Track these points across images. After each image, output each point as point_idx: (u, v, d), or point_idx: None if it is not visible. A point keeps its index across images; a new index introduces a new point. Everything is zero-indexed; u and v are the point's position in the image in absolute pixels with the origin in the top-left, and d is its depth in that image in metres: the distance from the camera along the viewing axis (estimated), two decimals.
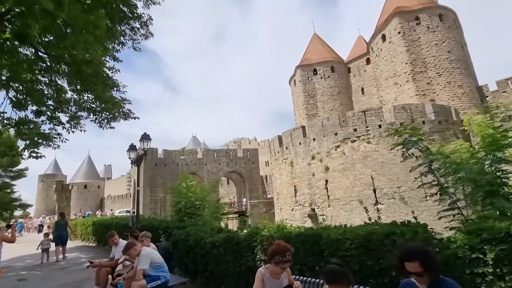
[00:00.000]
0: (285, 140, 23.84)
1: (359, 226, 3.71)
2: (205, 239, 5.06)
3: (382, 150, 18.71)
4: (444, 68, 32.23)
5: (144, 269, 3.92)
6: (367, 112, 19.56)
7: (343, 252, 3.18)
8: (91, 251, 10.70)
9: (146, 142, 7.74)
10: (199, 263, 5.18)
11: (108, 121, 10.67)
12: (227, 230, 5.39)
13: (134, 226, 7.87)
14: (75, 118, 11.10)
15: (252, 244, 4.18)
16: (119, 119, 10.36)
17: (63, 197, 19.25)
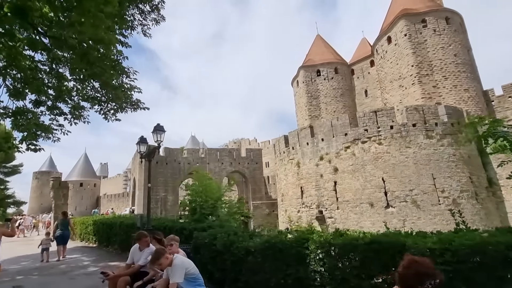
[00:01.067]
0: (292, 140, 23.20)
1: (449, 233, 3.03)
2: (237, 244, 4.35)
3: (393, 152, 18.16)
4: (450, 72, 31.93)
5: (179, 283, 3.21)
6: (378, 113, 19.01)
7: (441, 266, 2.51)
8: (93, 252, 9.90)
9: (159, 134, 7.01)
10: (228, 271, 4.47)
11: (114, 112, 9.92)
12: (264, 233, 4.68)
13: (145, 227, 7.13)
14: (78, 109, 10.35)
15: (303, 251, 3.49)
16: (127, 110, 9.61)
17: (60, 194, 18.32)
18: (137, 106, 9.14)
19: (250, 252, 4.14)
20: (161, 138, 7.05)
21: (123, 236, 9.38)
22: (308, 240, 3.52)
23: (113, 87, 8.63)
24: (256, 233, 4.72)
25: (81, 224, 13.44)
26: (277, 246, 3.78)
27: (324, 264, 3.21)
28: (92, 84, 9.83)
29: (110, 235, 10.47)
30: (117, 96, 8.69)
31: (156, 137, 7.01)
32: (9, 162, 30.29)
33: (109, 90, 8.80)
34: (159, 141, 7.00)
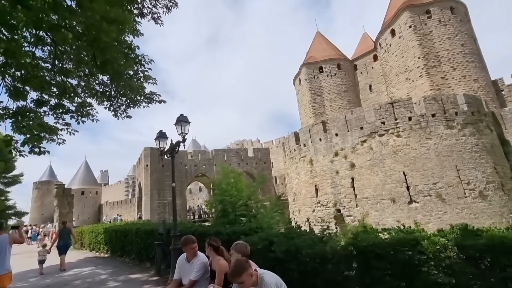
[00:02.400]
0: (303, 137, 22.34)
1: None
2: (306, 250, 3.47)
3: (413, 144, 17.33)
4: (458, 62, 31.30)
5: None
6: (395, 104, 18.20)
7: None
8: (107, 264, 8.96)
9: (184, 125, 6.13)
10: (296, 284, 3.58)
11: (126, 107, 9.02)
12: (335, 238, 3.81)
13: (172, 233, 6.22)
14: (85, 106, 9.45)
15: (416, 257, 2.62)
16: (140, 104, 8.71)
17: (65, 203, 17.35)
18: (151, 99, 8.24)
19: (328, 260, 3.25)
20: (186, 130, 6.17)
21: (141, 245, 8.46)
22: (420, 240, 2.66)
23: (125, 78, 7.73)
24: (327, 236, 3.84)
25: (90, 233, 12.46)
26: (371, 251, 2.90)
27: (453, 273, 2.36)
28: (100, 78, 8.96)
29: (124, 243, 9.53)
30: (131, 87, 7.79)
31: (180, 129, 6.13)
32: (9, 172, 29.29)
33: (121, 82, 7.90)
34: (184, 133, 6.11)
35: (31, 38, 8.54)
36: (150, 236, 8.11)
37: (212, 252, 3.42)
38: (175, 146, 6.49)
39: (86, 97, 9.43)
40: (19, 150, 9.36)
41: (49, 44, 8.58)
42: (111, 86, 8.66)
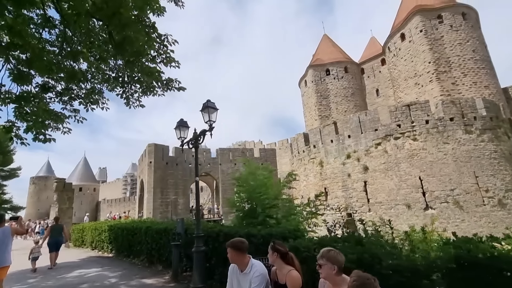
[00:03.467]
0: (313, 138, 21.68)
1: None
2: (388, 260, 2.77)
3: (430, 148, 16.70)
4: (469, 68, 30.87)
5: None
6: (412, 106, 17.59)
7: None
8: (114, 265, 8.19)
9: (211, 112, 5.42)
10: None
11: (140, 95, 8.31)
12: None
13: (195, 233, 5.50)
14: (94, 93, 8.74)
15: None
16: (156, 92, 7.99)
17: (65, 198, 16.56)
18: (170, 86, 7.52)
19: (420, 274, 2.56)
20: (213, 118, 5.47)
21: (151, 245, 7.71)
22: None
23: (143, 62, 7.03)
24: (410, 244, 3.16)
25: (92, 230, 11.68)
26: (491, 265, 2.21)
27: None
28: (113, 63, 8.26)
29: (132, 243, 8.78)
30: (149, 72, 7.08)
31: (207, 116, 5.43)
32: (7, 165, 28.46)
33: (138, 65, 7.19)
34: (211, 121, 5.41)
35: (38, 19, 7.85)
36: (162, 236, 7.38)
37: (278, 259, 2.71)
38: (199, 135, 5.78)
39: (96, 83, 8.75)
40: (21, 138, 8.63)
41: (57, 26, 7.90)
42: (125, 71, 7.96)
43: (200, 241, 5.37)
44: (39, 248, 8.54)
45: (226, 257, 5.54)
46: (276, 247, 2.76)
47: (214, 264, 5.62)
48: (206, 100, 5.61)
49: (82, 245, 13.02)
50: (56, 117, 8.55)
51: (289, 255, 2.73)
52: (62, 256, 10.41)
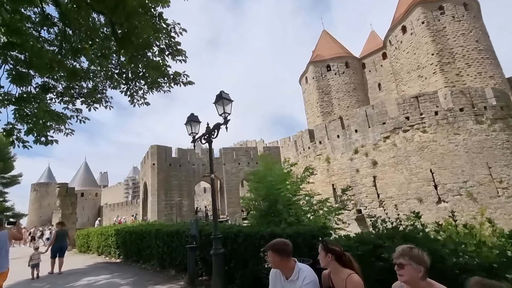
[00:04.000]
0: (319, 134, 21.26)
1: None
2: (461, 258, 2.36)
3: (441, 140, 16.29)
4: (473, 59, 30.43)
5: None
6: (420, 98, 17.18)
7: None
8: (124, 271, 7.79)
9: (226, 104, 5.00)
10: None
11: (145, 90, 7.90)
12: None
13: (212, 235, 5.09)
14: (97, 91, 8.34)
15: None
16: (162, 88, 7.56)
17: (68, 203, 16.16)
18: (177, 80, 7.10)
19: (495, 272, 2.15)
20: (228, 110, 5.04)
21: (163, 249, 7.29)
22: None
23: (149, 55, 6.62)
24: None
25: (98, 235, 11.27)
26: None
27: None
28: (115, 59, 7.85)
29: (141, 247, 8.37)
30: (157, 66, 6.65)
31: (221, 108, 5.01)
32: (8, 172, 28.10)
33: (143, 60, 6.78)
34: (226, 113, 4.98)
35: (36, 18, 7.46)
36: (174, 238, 6.97)
37: (333, 262, 2.29)
38: (213, 129, 5.36)
39: (99, 81, 8.35)
40: (22, 141, 8.23)
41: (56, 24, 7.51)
42: (129, 66, 7.54)
43: (218, 242, 4.96)
44: (39, 255, 8.33)
45: (247, 260, 5.12)
46: (331, 247, 2.34)
47: (234, 267, 5.22)
48: (219, 91, 5.19)
49: (87, 251, 12.62)
50: (58, 118, 8.15)
51: (346, 256, 2.31)
52: (67, 263, 10.02)
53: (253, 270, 4.82)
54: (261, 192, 6.24)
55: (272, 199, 6.02)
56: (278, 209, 5.87)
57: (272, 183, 6.18)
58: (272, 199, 6.01)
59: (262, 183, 6.42)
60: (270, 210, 6.02)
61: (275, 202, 6.00)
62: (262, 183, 6.42)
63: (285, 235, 4.30)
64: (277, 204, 5.98)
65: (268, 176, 6.45)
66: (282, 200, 6.05)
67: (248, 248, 4.89)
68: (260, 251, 4.59)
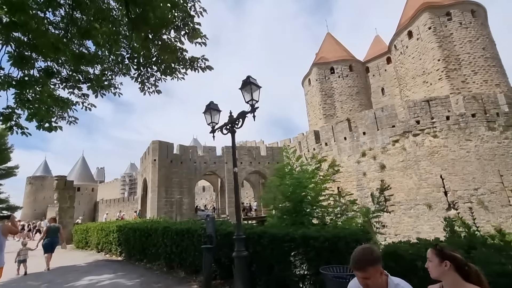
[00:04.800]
0: (325, 136, 20.86)
1: None
2: None
3: (452, 146, 15.94)
4: (479, 66, 30.29)
5: None
6: (431, 102, 16.85)
7: None
8: (128, 270, 7.25)
9: (254, 90, 4.50)
10: None
11: (158, 77, 7.39)
12: None
13: (235, 235, 4.60)
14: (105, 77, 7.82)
15: None
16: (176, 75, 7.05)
17: (66, 196, 15.56)
18: (195, 65, 6.60)
19: None
20: (256, 97, 4.56)
21: (171, 248, 6.78)
22: None
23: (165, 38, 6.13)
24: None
25: (98, 231, 10.69)
26: None
27: None
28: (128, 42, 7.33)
29: (146, 246, 7.84)
30: (172, 50, 6.17)
31: (249, 95, 4.53)
32: (4, 163, 27.36)
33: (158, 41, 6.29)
34: (254, 100, 4.50)
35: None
36: (184, 237, 6.46)
37: (452, 273, 1.73)
38: (237, 118, 4.88)
39: (107, 67, 7.83)
40: (21, 127, 7.69)
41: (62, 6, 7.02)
42: (142, 51, 7.02)
43: (241, 244, 4.47)
44: (26, 251, 8.12)
45: (272, 264, 4.62)
46: (449, 252, 1.79)
47: (256, 271, 4.74)
48: (246, 76, 4.72)
49: (86, 246, 12.04)
50: (63, 103, 7.63)
51: (472, 267, 1.77)
52: (66, 260, 9.47)
53: (280, 275, 4.34)
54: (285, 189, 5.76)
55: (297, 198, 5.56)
56: (303, 209, 5.40)
57: (299, 180, 5.72)
58: (297, 198, 5.54)
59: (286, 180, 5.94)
60: (295, 210, 5.55)
61: (300, 202, 5.53)
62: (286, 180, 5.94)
63: (322, 238, 3.83)
64: (303, 204, 5.51)
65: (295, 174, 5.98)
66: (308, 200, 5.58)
67: (275, 251, 4.41)
68: (291, 255, 4.11)
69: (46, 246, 8.52)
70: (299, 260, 4.02)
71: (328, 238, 3.75)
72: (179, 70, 6.86)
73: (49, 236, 8.72)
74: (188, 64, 6.62)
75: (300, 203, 5.55)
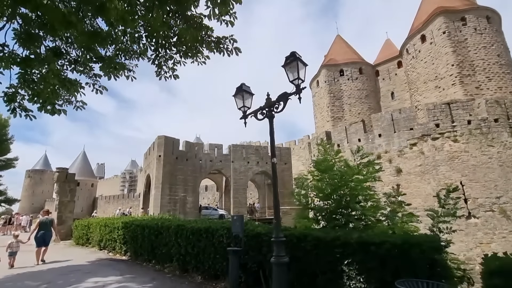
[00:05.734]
0: (337, 137, 20.12)
1: None
2: None
3: (473, 151, 15.20)
4: (494, 73, 29.64)
5: None
6: (452, 105, 16.12)
7: None
8: (134, 271, 6.52)
9: (300, 69, 3.79)
10: None
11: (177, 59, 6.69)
12: None
13: (274, 237, 3.87)
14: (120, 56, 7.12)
15: None
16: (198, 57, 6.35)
17: (67, 190, 14.86)
18: (222, 46, 5.90)
19: None
20: (302, 76, 3.85)
21: (186, 249, 6.05)
22: None
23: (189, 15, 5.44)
24: None
25: (101, 227, 9.95)
26: None
27: None
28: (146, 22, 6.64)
29: (155, 245, 7.11)
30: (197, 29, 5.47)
31: (295, 73, 3.83)
32: (4, 154, 26.72)
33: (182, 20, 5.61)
34: (300, 79, 3.81)
35: None
36: (202, 237, 5.74)
37: None
38: (277, 101, 4.17)
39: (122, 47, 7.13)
40: (25, 109, 6.99)
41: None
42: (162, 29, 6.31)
43: (281, 248, 3.74)
44: (18, 243, 7.94)
45: (314, 273, 3.88)
46: None
47: (294, 281, 4.00)
48: (289, 52, 4.02)
49: (86, 243, 11.30)
50: (70, 85, 6.94)
51: None
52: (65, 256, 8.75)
53: (326, 287, 3.61)
54: (328, 186, 5.02)
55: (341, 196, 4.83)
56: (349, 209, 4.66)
57: (344, 176, 5.00)
58: (342, 196, 4.81)
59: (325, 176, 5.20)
60: (338, 210, 4.83)
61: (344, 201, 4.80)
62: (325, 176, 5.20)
63: (388, 244, 3.10)
64: (350, 203, 4.78)
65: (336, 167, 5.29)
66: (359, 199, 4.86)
67: (321, 258, 3.68)
68: (343, 263, 3.38)
69: (38, 240, 8.28)
70: (355, 270, 3.29)
71: (397, 244, 3.02)
72: (202, 52, 6.17)
73: (42, 230, 8.47)
74: (214, 44, 5.92)
75: (345, 202, 4.83)
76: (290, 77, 3.96)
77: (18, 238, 8.17)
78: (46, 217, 9.01)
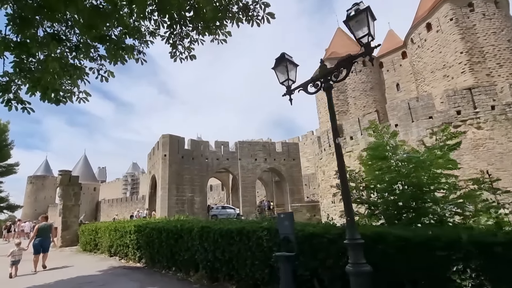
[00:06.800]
0: (350, 129, 19.30)
1: None
2: None
3: (499, 138, 14.37)
4: (505, 59, 28.76)
5: None
6: (474, 90, 15.30)
7: None
8: (155, 282, 5.68)
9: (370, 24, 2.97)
10: None
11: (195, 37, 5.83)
12: None
13: (347, 239, 3.01)
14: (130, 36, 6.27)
15: None
16: (219, 34, 5.49)
17: (70, 193, 14.06)
18: (249, 15, 5.03)
19: None
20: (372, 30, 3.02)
21: (214, 254, 5.22)
22: None
23: None
24: None
25: (112, 232, 9.08)
26: None
27: None
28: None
29: (176, 250, 6.28)
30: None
31: (363, 29, 3.01)
32: (4, 160, 25.90)
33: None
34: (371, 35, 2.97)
35: None
36: (235, 240, 4.90)
37: None
38: (337, 67, 3.31)
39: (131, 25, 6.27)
40: (22, 101, 6.16)
41: None
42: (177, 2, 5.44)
43: (360, 254, 2.90)
44: (20, 251, 7.72)
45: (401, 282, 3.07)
46: None
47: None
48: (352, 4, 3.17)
49: (94, 249, 10.46)
50: (73, 70, 6.09)
51: None
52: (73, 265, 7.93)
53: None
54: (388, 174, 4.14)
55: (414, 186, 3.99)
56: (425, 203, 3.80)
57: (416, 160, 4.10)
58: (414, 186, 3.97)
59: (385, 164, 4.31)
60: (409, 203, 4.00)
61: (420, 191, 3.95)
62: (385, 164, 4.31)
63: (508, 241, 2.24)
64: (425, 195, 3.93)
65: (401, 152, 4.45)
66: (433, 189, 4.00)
67: (411, 262, 2.83)
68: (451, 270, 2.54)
69: (36, 246, 8.04)
70: (470, 279, 2.46)
71: None
72: (226, 25, 5.31)
73: (40, 236, 8.26)
74: (241, 12, 5.04)
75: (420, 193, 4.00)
76: (357, 34, 3.10)
77: (20, 246, 7.84)
78: (44, 222, 8.77)
